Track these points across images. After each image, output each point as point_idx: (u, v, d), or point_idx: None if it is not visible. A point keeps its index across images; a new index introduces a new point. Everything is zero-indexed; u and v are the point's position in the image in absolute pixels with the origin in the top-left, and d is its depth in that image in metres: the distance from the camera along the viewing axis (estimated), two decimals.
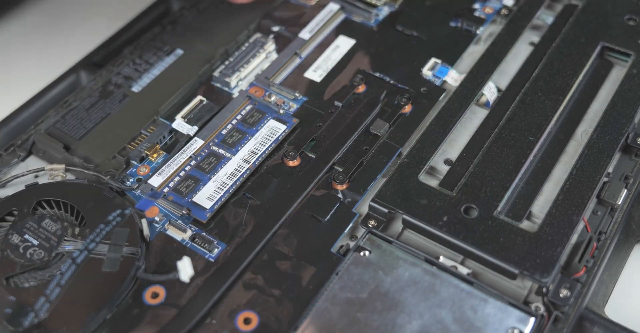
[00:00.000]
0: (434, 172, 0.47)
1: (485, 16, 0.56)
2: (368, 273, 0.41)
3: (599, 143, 0.46)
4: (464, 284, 0.40)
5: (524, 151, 0.46)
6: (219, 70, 0.53)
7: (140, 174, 0.47)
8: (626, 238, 0.46)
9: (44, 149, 0.49)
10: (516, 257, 0.40)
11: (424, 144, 0.47)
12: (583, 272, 0.41)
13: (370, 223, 0.43)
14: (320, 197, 0.45)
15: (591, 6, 0.55)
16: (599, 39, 0.52)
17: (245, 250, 0.42)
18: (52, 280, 0.40)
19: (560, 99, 0.49)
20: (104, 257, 0.41)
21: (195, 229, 0.44)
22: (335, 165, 0.47)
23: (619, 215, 0.44)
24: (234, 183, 0.46)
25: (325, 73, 0.53)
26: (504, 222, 0.42)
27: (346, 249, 0.43)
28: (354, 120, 0.49)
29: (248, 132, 0.48)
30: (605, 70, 0.52)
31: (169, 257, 0.43)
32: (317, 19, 0.56)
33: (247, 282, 0.41)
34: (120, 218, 0.43)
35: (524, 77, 0.51)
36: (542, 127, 0.47)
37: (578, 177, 0.44)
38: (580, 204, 0.42)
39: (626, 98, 0.48)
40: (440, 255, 0.42)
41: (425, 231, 0.42)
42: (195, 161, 0.47)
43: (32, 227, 0.42)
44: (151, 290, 0.41)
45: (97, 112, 0.51)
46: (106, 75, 0.54)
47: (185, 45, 0.55)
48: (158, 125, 0.50)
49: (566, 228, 0.41)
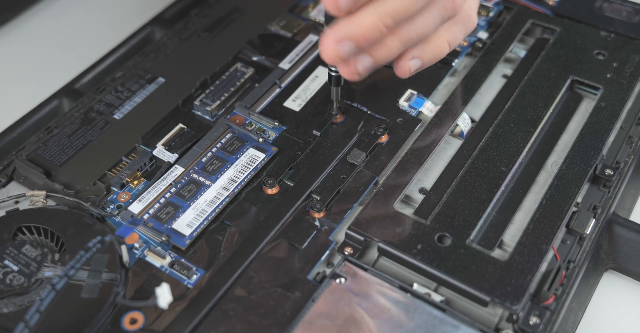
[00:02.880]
0: (409, 201, 0.48)
1: (460, 49, 0.58)
2: (343, 300, 0.42)
3: (569, 174, 0.47)
4: (437, 311, 0.41)
5: (496, 181, 0.47)
6: (199, 99, 0.54)
7: (120, 201, 0.48)
8: (595, 266, 0.47)
9: (25, 174, 0.49)
10: (487, 285, 0.41)
11: (399, 173, 0.48)
12: (552, 300, 0.42)
13: (347, 250, 0.44)
14: (298, 225, 0.46)
15: (562, 41, 0.57)
16: (569, 73, 0.54)
17: (223, 277, 0.43)
18: (31, 306, 0.40)
19: (532, 130, 0.50)
20: (84, 283, 0.41)
21: (174, 256, 0.44)
22: (312, 194, 0.48)
23: (588, 244, 0.46)
24: (213, 210, 0.46)
25: (304, 102, 0.54)
26: (476, 250, 0.43)
27: (322, 276, 0.44)
28: (331, 150, 0.50)
29: (228, 160, 0.49)
30: (574, 102, 0.54)
31: (148, 283, 0.43)
32: (297, 49, 0.58)
33: (224, 309, 0.42)
34: (100, 245, 0.43)
35: (497, 108, 0.52)
36: (514, 157, 0.48)
37: (548, 206, 0.45)
38: (549, 233, 0.44)
39: (594, 130, 0.50)
40: (414, 283, 0.43)
41: (400, 259, 0.43)
42: (175, 188, 0.48)
43: (12, 253, 0.43)
44: (130, 316, 0.41)
45: (78, 139, 0.51)
46: (88, 102, 0.54)
47: (166, 74, 0.56)
48: (139, 152, 0.50)
49: (536, 257, 0.42)
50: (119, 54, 0.61)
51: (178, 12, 0.64)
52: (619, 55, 0.55)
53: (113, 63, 0.60)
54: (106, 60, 0.60)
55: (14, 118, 0.55)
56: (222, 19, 0.62)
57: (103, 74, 0.59)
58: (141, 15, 0.64)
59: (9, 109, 0.57)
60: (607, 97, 0.52)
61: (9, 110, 0.56)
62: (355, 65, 0.43)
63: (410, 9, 0.41)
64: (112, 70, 0.58)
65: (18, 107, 0.56)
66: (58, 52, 0.65)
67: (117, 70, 0.57)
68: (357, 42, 0.41)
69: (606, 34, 0.57)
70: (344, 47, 0.41)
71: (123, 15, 0.68)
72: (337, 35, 0.41)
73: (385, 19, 0.40)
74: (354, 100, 0.54)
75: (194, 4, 0.65)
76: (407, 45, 0.44)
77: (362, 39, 0.41)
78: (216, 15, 0.62)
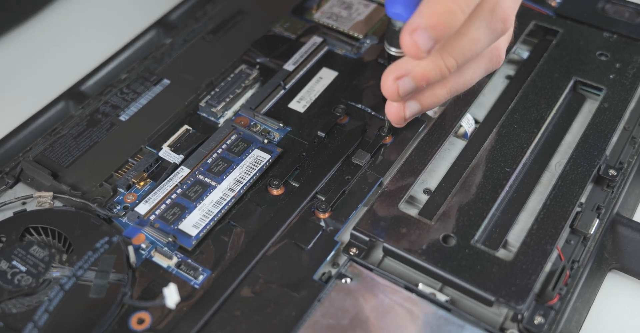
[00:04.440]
0: (413, 201, 0.48)
1: None
2: (349, 300, 0.42)
3: (572, 174, 0.47)
4: (442, 311, 0.41)
5: (500, 181, 0.47)
6: (205, 100, 0.54)
7: (127, 202, 0.48)
8: (599, 266, 0.47)
9: (32, 176, 0.50)
10: (492, 285, 0.41)
11: (404, 174, 0.48)
12: (557, 300, 0.42)
13: (352, 251, 0.45)
14: (303, 225, 0.46)
15: (565, 42, 0.57)
16: (572, 74, 0.54)
17: (229, 277, 0.43)
18: (40, 306, 0.41)
19: (535, 131, 0.50)
20: (91, 284, 0.42)
21: (180, 256, 0.45)
22: (318, 194, 0.48)
23: (592, 244, 0.46)
24: (219, 211, 0.47)
25: (308, 104, 0.54)
26: (480, 250, 0.43)
27: (328, 276, 0.44)
28: (336, 151, 0.50)
29: (233, 161, 0.50)
30: (578, 103, 0.54)
31: (155, 283, 0.43)
32: (301, 51, 0.58)
33: (231, 309, 0.42)
34: (107, 246, 0.44)
35: (501, 109, 0.53)
36: (518, 158, 0.49)
37: (552, 207, 0.45)
38: (554, 234, 0.44)
39: (598, 131, 0.50)
40: (419, 283, 0.44)
41: (405, 259, 0.44)
42: (181, 189, 0.48)
43: (20, 254, 0.43)
44: (137, 316, 0.42)
45: (85, 140, 0.52)
46: (94, 104, 0.55)
47: (172, 76, 0.57)
48: (145, 153, 0.51)
49: (540, 257, 0.43)
50: (124, 56, 0.61)
51: (183, 14, 0.65)
52: (621, 56, 0.55)
53: (119, 65, 0.60)
54: (112, 62, 0.60)
55: (20, 120, 0.55)
56: (227, 21, 0.62)
57: (109, 76, 0.59)
58: (146, 18, 0.65)
59: (15, 111, 0.57)
60: (610, 98, 0.52)
61: (15, 113, 0.56)
62: (405, 110, 0.45)
63: (472, 51, 0.42)
64: (117, 73, 0.59)
65: (25, 110, 0.56)
66: (64, 54, 0.66)
67: (122, 72, 0.58)
68: (416, 81, 0.42)
69: (609, 35, 0.57)
70: (404, 84, 0.42)
71: (128, 18, 0.69)
72: (398, 72, 0.42)
73: (448, 60, 0.41)
74: (359, 101, 0.54)
75: (199, 6, 0.65)
76: (452, 94, 0.45)
77: (421, 78, 0.42)
78: (220, 17, 0.62)
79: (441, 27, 0.38)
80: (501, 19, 0.41)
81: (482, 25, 0.41)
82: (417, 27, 0.38)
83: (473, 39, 0.41)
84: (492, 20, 0.41)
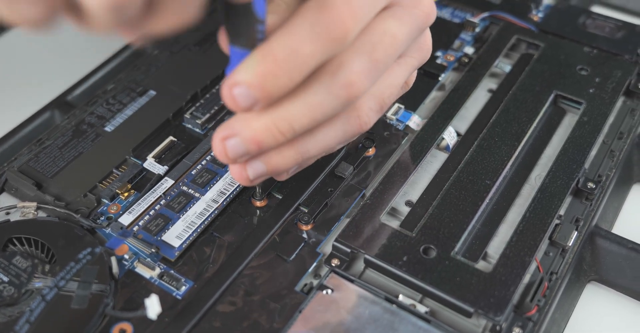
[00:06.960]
0: (395, 213, 0.49)
1: (447, 63, 0.59)
2: (330, 311, 0.42)
3: (552, 187, 0.48)
4: (421, 322, 0.42)
5: (480, 194, 0.48)
6: (190, 112, 0.54)
7: (111, 212, 0.48)
8: (577, 278, 0.48)
9: (16, 186, 0.50)
10: (471, 296, 0.42)
11: (386, 186, 0.49)
12: (535, 311, 0.43)
13: (334, 262, 0.45)
14: (286, 237, 0.47)
15: (546, 56, 0.58)
16: (552, 88, 0.55)
17: (211, 288, 0.44)
18: (21, 316, 0.41)
19: (516, 144, 0.51)
20: (73, 294, 0.42)
21: (163, 267, 0.45)
22: (300, 206, 0.48)
23: (570, 256, 0.46)
24: (202, 222, 0.47)
25: None
26: (460, 262, 0.44)
27: (310, 287, 0.44)
28: (319, 163, 0.51)
29: (218, 172, 0.50)
30: (558, 117, 0.55)
31: (138, 294, 0.44)
32: None
33: (212, 319, 0.42)
34: (90, 257, 0.44)
35: (482, 122, 0.53)
36: (498, 171, 0.49)
37: (531, 219, 0.46)
38: (532, 245, 0.44)
39: (577, 144, 0.51)
40: (400, 294, 0.44)
41: (386, 270, 0.44)
42: (165, 200, 0.48)
43: (2, 264, 0.43)
44: (119, 326, 0.42)
45: (70, 151, 0.52)
46: (80, 115, 0.55)
47: (157, 87, 0.57)
48: (129, 164, 0.51)
49: (519, 269, 0.43)
50: (110, 66, 0.61)
51: None
52: (601, 71, 0.56)
53: (104, 76, 0.60)
54: (98, 72, 0.61)
55: (5, 130, 0.55)
56: (213, 33, 0.62)
57: (95, 86, 0.59)
58: None
59: (1, 121, 0.57)
60: (589, 112, 0.53)
61: (1, 123, 0.57)
62: (246, 169, 0.39)
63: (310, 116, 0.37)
64: (103, 83, 0.59)
65: (10, 119, 0.56)
66: (50, 64, 0.66)
67: (108, 83, 0.58)
68: (246, 145, 0.37)
69: (589, 49, 0.58)
70: (233, 146, 0.37)
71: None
72: (225, 133, 0.37)
73: (281, 125, 0.36)
74: None
75: None
76: (307, 157, 0.40)
77: (251, 140, 0.36)
78: (207, 29, 0.63)
79: (261, 90, 0.34)
80: (343, 84, 0.36)
81: (321, 90, 0.36)
82: (237, 83, 0.34)
83: (310, 103, 0.36)
84: (332, 84, 0.36)
